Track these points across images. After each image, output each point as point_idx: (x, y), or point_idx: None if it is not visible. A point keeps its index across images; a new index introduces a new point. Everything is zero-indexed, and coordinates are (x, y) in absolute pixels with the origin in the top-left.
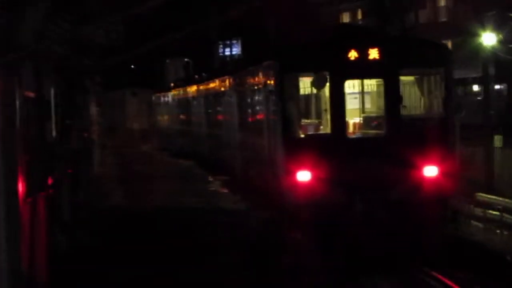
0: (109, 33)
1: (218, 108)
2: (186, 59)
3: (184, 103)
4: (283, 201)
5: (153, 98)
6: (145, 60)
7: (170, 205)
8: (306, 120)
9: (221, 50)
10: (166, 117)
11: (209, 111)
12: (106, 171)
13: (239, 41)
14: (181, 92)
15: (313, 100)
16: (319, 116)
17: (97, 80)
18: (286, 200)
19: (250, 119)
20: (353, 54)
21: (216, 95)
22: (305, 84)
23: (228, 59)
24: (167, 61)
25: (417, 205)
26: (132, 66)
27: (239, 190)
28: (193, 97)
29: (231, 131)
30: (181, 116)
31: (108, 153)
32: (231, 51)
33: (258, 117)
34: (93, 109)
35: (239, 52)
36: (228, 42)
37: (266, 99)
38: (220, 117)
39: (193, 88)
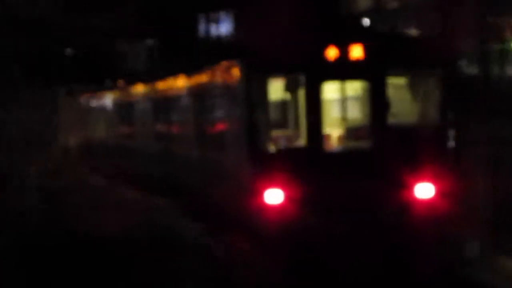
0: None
1: (171, 117)
2: (151, 41)
3: (126, 109)
4: (252, 227)
5: (82, 101)
6: (92, 43)
7: (114, 247)
8: (277, 131)
9: (204, 28)
10: (101, 128)
11: (159, 120)
12: (21, 217)
13: (231, 15)
14: (121, 93)
15: (286, 107)
16: (293, 125)
17: (14, 72)
18: (254, 226)
19: (211, 131)
20: (332, 52)
21: (169, 99)
22: (276, 88)
23: (213, 39)
24: (123, 44)
25: (409, 231)
26: (72, 52)
27: (199, 217)
28: (139, 101)
29: (189, 145)
30: (122, 128)
31: (29, 185)
32: (218, 28)
33: (220, 128)
34: (6, 116)
35: (231, 30)
36: (215, 16)
37: (230, 105)
38: (173, 128)
39: (139, 88)
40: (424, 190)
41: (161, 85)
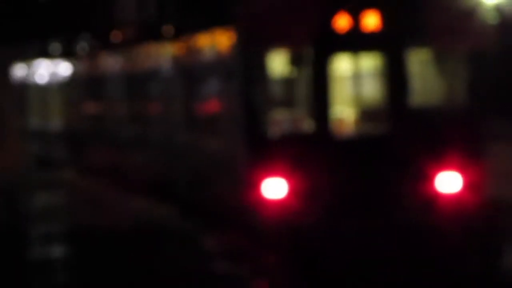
0: None
1: (151, 94)
2: None
3: (92, 84)
4: (249, 224)
5: (18, 72)
6: None
7: None
8: (279, 113)
9: None
10: (60, 106)
11: (136, 98)
12: None
13: None
14: (87, 62)
15: (290, 85)
16: (298, 106)
17: None
18: (252, 223)
19: (201, 113)
20: (343, 20)
21: (148, 72)
22: (279, 62)
23: None
24: None
25: (432, 230)
26: None
27: (188, 218)
28: (110, 75)
29: (172, 130)
30: (86, 107)
31: None
32: None
33: (212, 109)
34: None
35: None
36: None
37: (224, 83)
38: (153, 108)
39: (110, 58)
40: (450, 182)
41: (138, 53)
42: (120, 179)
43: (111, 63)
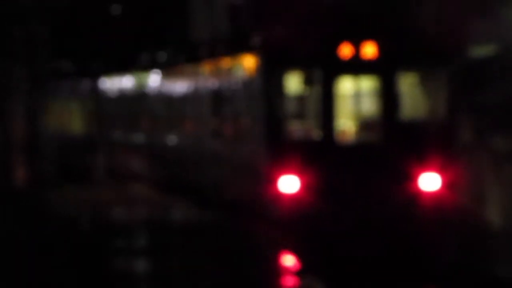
0: None
1: (187, 110)
2: None
3: (134, 99)
4: (268, 214)
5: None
6: None
7: None
8: (293, 123)
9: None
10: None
11: (175, 112)
12: None
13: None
14: (128, 81)
15: (303, 100)
16: (308, 118)
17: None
18: (271, 213)
19: (229, 124)
20: (347, 47)
21: (185, 91)
22: (294, 81)
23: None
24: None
25: (415, 221)
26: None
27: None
28: (152, 91)
29: (202, 139)
30: (128, 120)
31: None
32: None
33: (239, 121)
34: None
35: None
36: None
37: (248, 98)
38: (189, 121)
39: (152, 76)
40: (431, 181)
41: (177, 71)
42: (161, 183)
43: (151, 81)
